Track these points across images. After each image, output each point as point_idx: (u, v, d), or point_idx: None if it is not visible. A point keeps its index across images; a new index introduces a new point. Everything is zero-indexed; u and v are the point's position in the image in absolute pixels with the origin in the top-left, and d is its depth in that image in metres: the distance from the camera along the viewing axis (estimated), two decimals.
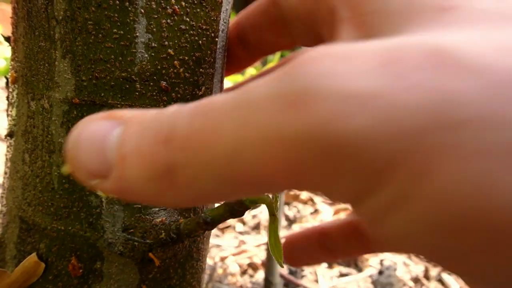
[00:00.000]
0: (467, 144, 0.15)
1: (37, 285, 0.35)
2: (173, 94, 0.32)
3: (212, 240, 1.12)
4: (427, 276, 1.03)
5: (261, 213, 1.26)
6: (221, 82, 0.37)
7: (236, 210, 0.30)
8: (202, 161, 0.18)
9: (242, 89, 0.18)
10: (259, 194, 0.28)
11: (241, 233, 1.18)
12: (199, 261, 0.39)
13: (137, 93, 0.31)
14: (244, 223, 1.23)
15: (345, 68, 0.16)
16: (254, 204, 0.29)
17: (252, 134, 0.17)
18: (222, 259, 1.05)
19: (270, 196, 0.30)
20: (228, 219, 0.30)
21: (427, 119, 0.15)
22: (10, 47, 0.37)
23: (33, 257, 0.35)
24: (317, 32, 0.32)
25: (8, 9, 0.35)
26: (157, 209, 0.34)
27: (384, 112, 0.16)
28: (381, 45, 0.17)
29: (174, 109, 0.20)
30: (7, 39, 0.38)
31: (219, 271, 1.01)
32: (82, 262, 0.34)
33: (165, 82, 0.32)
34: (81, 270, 0.34)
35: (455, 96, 0.15)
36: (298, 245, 0.43)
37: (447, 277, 1.02)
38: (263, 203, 0.29)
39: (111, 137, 0.21)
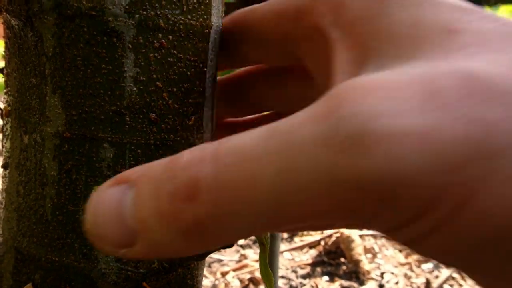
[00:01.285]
0: (505, 170, 0.16)
1: None
2: (163, 125, 0.33)
3: (213, 255, 1.12)
4: None
5: None
6: (212, 109, 0.37)
7: None
8: (238, 210, 0.18)
9: (275, 129, 0.18)
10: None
11: (242, 246, 1.18)
12: (194, 287, 0.39)
13: (127, 126, 0.32)
14: None
15: (391, 106, 0.17)
16: None
17: (300, 178, 0.17)
18: (223, 274, 1.05)
19: None
20: (218, 249, 0.31)
21: (471, 150, 0.16)
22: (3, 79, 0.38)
23: (28, 287, 0.36)
24: (292, 52, 0.32)
25: None
26: None
27: (435, 149, 0.16)
28: (414, 74, 0.18)
29: (190, 157, 0.19)
30: (1, 70, 0.39)
31: (221, 286, 1.01)
32: None
33: (154, 114, 0.32)
34: None
35: (494, 126, 0.16)
36: None
37: None
38: None
39: (126, 204, 0.20)
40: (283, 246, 1.16)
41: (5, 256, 0.38)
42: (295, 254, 1.16)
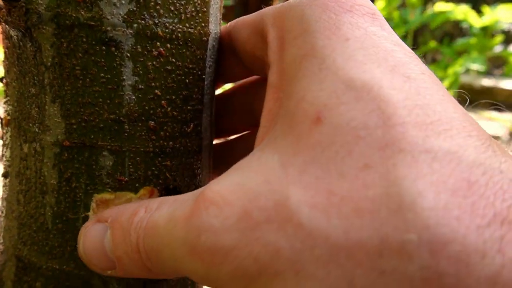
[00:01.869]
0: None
1: None
2: (162, 132, 0.33)
3: None
4: None
5: None
6: (211, 115, 0.38)
7: None
8: (158, 265, 0.28)
9: (170, 218, 0.27)
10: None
11: None
12: None
13: (126, 134, 0.32)
14: None
15: (216, 223, 0.24)
16: None
17: (179, 258, 0.26)
18: None
19: None
20: None
21: (259, 268, 0.22)
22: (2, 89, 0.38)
23: None
24: (263, 63, 0.33)
25: None
26: None
27: (234, 263, 0.23)
28: (243, 196, 0.24)
29: (139, 219, 0.29)
30: (0, 79, 0.39)
31: None
32: None
33: (153, 122, 0.32)
34: None
35: (279, 252, 0.22)
36: None
37: None
38: None
39: (106, 241, 0.30)
40: None
41: (6, 264, 0.38)
42: None
